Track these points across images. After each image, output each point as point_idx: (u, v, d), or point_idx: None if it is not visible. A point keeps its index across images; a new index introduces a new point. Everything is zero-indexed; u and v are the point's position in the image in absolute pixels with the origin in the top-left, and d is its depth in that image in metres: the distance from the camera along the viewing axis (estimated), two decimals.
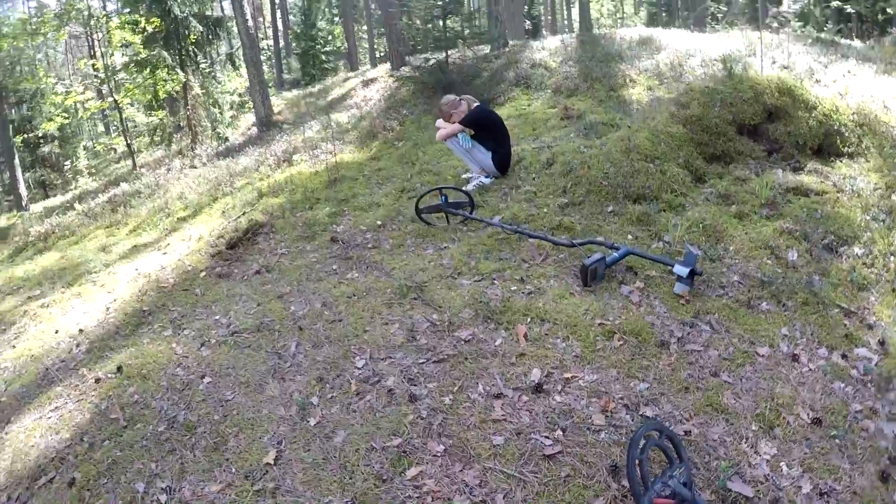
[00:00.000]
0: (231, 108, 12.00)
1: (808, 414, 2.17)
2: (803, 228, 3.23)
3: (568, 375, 2.37)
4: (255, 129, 11.74)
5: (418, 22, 8.80)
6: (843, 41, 8.44)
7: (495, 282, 3.03)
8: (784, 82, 4.27)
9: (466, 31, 8.80)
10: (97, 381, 2.77)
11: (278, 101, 14.72)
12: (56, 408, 2.67)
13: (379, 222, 4.19)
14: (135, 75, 10.98)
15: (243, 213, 5.35)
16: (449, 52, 8.70)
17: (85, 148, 16.63)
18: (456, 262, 3.30)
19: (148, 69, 10.49)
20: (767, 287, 2.84)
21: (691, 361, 2.44)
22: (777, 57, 6.36)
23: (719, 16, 10.12)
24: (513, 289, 2.95)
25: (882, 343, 2.53)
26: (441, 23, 8.31)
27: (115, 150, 16.99)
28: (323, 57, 17.73)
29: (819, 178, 3.84)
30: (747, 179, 3.88)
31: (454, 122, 4.41)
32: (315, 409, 2.34)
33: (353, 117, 9.35)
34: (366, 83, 12.24)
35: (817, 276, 2.92)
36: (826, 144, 4.19)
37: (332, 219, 4.50)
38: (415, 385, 2.37)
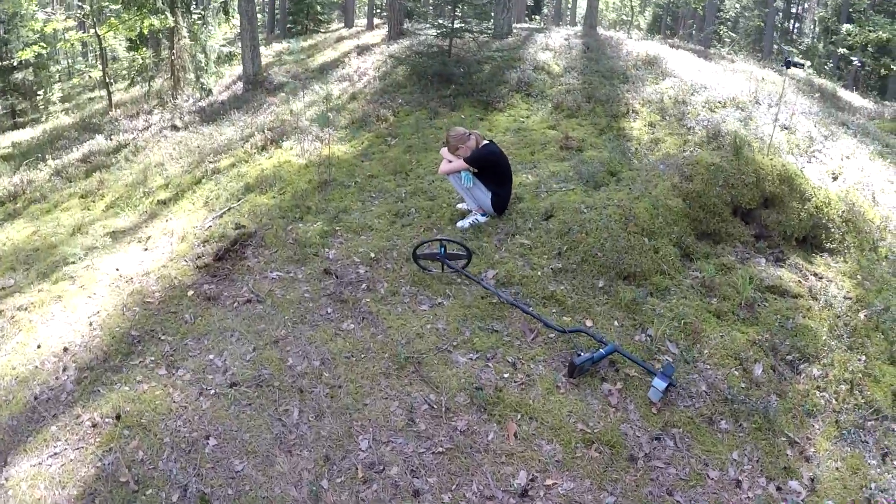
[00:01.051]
0: (218, 58, 11.40)
1: None
2: (773, 340, 3.46)
3: (550, 482, 2.59)
4: (240, 85, 11.25)
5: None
6: (843, 94, 8.62)
7: (489, 364, 3.19)
8: (786, 170, 4.43)
9: (474, 24, 8.53)
10: (94, 426, 2.84)
11: (268, 53, 14.04)
12: (55, 454, 2.73)
13: (372, 255, 4.24)
14: (121, 12, 10.26)
15: (228, 209, 5.29)
16: (453, 42, 8.46)
17: (60, 79, 15.58)
18: (451, 329, 3.43)
19: (136, 7, 9.82)
20: (730, 404, 3.08)
21: (653, 478, 2.69)
22: (780, 114, 6.47)
23: (727, 39, 10.12)
24: (505, 375, 3.11)
25: (812, 480, 2.78)
26: (451, 8, 8.04)
27: (91, 76, 15.98)
28: (318, 7, 16.85)
29: (798, 277, 4.07)
30: (732, 268, 4.08)
31: (459, 157, 4.40)
32: (326, 493, 2.50)
33: (344, 92, 9.07)
34: (360, 51, 11.78)
35: (776, 396, 3.17)
36: (811, 236, 4.41)
37: (323, 239, 4.52)
38: (417, 478, 2.56)
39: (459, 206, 4.79)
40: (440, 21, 8.28)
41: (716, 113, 6.81)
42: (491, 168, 4.36)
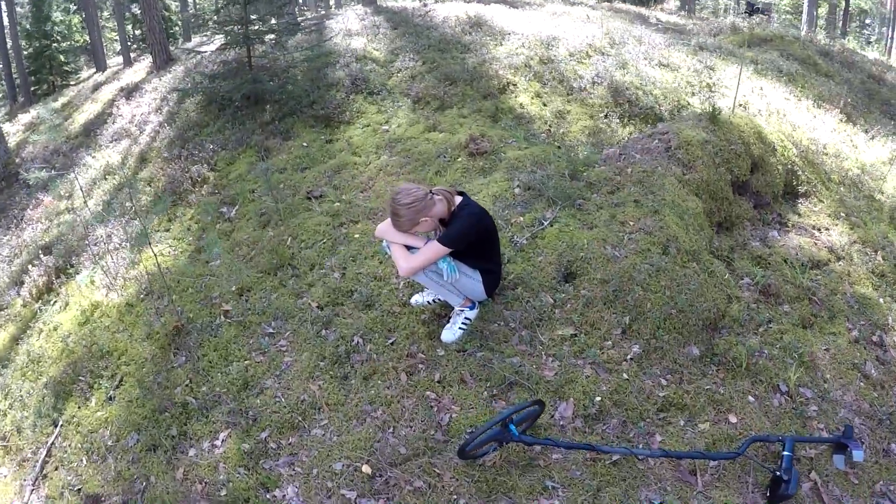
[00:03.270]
0: None
1: None
2: (851, 326, 3.10)
3: None
4: None
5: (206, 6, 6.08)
6: (647, 12, 8.86)
7: None
8: (759, 129, 3.99)
9: (273, 24, 6.44)
10: None
11: (14, 130, 9.80)
12: None
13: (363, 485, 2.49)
14: None
15: (48, 460, 2.95)
16: (252, 48, 6.33)
17: None
18: None
19: None
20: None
21: None
22: (641, 51, 6.20)
23: None
24: None
25: None
26: (241, 8, 5.85)
27: None
28: (61, 57, 13.13)
29: (810, 239, 3.76)
30: (763, 257, 3.57)
31: (423, 236, 2.83)
32: None
33: (128, 155, 6.34)
34: (128, 94, 8.58)
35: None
36: (786, 186, 4.14)
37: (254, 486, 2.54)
38: None
39: (417, 300, 3.21)
40: (229, 27, 5.98)
41: (587, 65, 6.28)
42: (483, 239, 2.88)
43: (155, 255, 3.41)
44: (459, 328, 2.97)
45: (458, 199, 2.83)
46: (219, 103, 6.38)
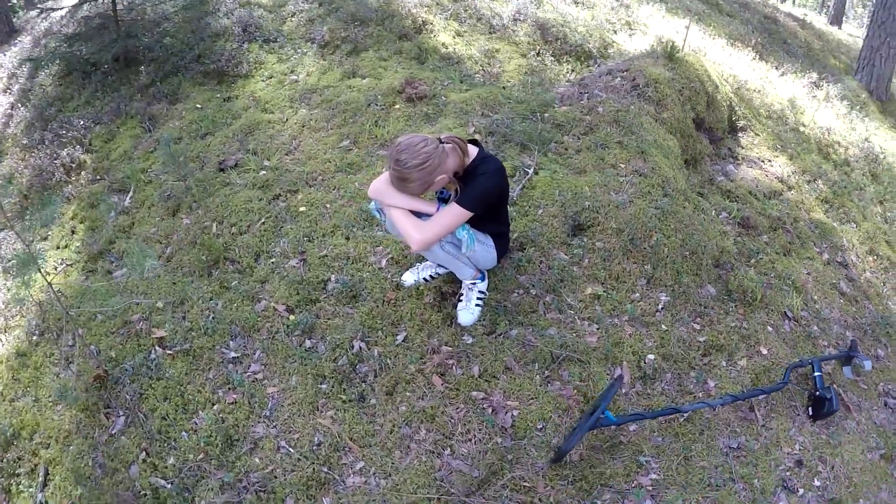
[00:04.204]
0: None
1: None
2: (823, 249, 3.35)
3: None
4: None
5: None
6: None
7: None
8: (705, 66, 4.00)
9: None
10: None
11: None
12: None
13: None
14: None
15: None
16: None
17: None
18: None
19: None
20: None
21: None
22: None
23: None
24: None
25: None
26: None
27: None
28: None
29: (761, 171, 3.95)
30: (730, 191, 3.67)
31: (433, 198, 2.31)
32: None
33: None
34: None
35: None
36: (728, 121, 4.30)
37: None
38: None
39: (410, 278, 2.64)
40: None
41: (502, 2, 5.88)
42: (502, 198, 2.42)
43: (45, 275, 2.26)
44: (476, 305, 2.51)
45: (472, 149, 2.32)
46: (81, 70, 4.83)
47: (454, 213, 2.12)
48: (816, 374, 2.56)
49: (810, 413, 2.52)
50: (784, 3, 13.47)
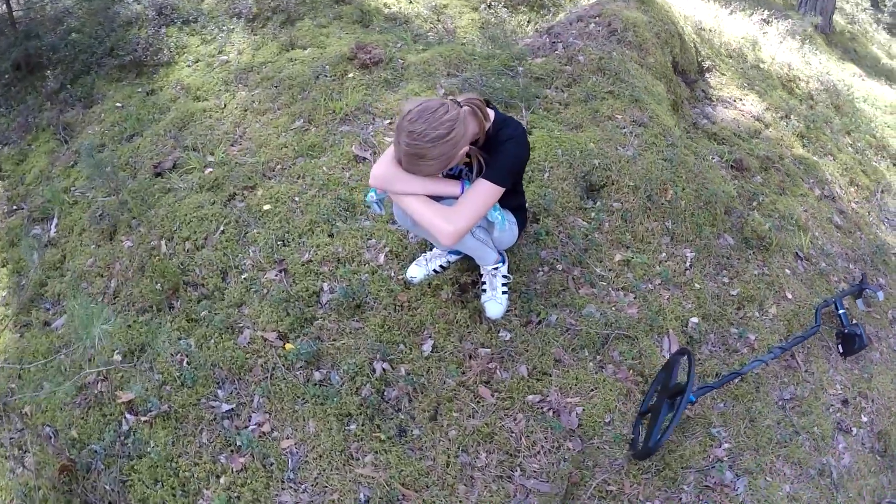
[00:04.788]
0: None
1: None
2: (812, 185, 3.40)
3: None
4: None
5: None
6: None
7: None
8: (670, 4, 3.85)
9: None
10: None
11: None
12: None
13: None
14: None
15: None
16: None
17: None
18: None
19: None
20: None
21: None
22: None
23: None
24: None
25: None
26: None
27: None
28: None
29: (738, 112, 3.91)
30: (715, 132, 3.60)
31: (460, 175, 1.92)
32: None
33: None
34: None
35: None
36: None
37: None
38: None
39: (417, 273, 2.29)
40: None
41: None
42: (525, 165, 1.99)
43: None
44: (503, 293, 2.21)
45: (489, 111, 1.95)
46: None
47: (487, 192, 1.74)
48: (841, 311, 2.56)
49: (841, 351, 2.52)
50: None
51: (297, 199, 2.68)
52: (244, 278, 2.35)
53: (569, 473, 1.78)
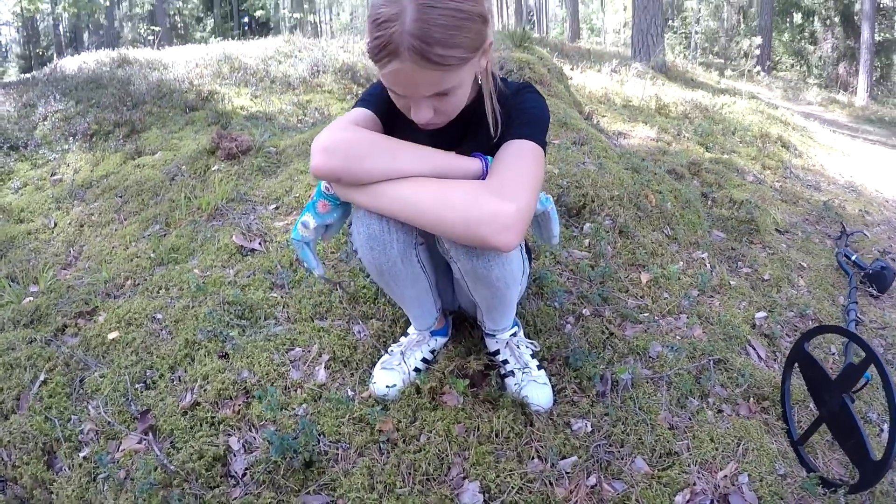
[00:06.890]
0: None
1: None
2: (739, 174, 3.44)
3: None
4: None
5: None
6: None
7: None
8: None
9: None
10: None
11: None
12: None
13: None
14: None
15: None
16: None
17: None
18: None
19: None
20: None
21: None
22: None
23: None
24: None
25: None
26: None
27: None
28: None
29: (637, 139, 3.99)
30: (629, 153, 3.55)
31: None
32: None
33: None
34: None
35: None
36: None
37: None
38: None
39: (389, 379, 1.45)
40: None
41: (286, 62, 5.19)
42: None
43: None
44: (538, 368, 1.51)
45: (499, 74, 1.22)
46: None
47: (531, 153, 1.05)
48: (853, 257, 2.48)
49: (875, 291, 2.34)
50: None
51: (158, 315, 1.79)
52: (83, 457, 1.35)
53: None
